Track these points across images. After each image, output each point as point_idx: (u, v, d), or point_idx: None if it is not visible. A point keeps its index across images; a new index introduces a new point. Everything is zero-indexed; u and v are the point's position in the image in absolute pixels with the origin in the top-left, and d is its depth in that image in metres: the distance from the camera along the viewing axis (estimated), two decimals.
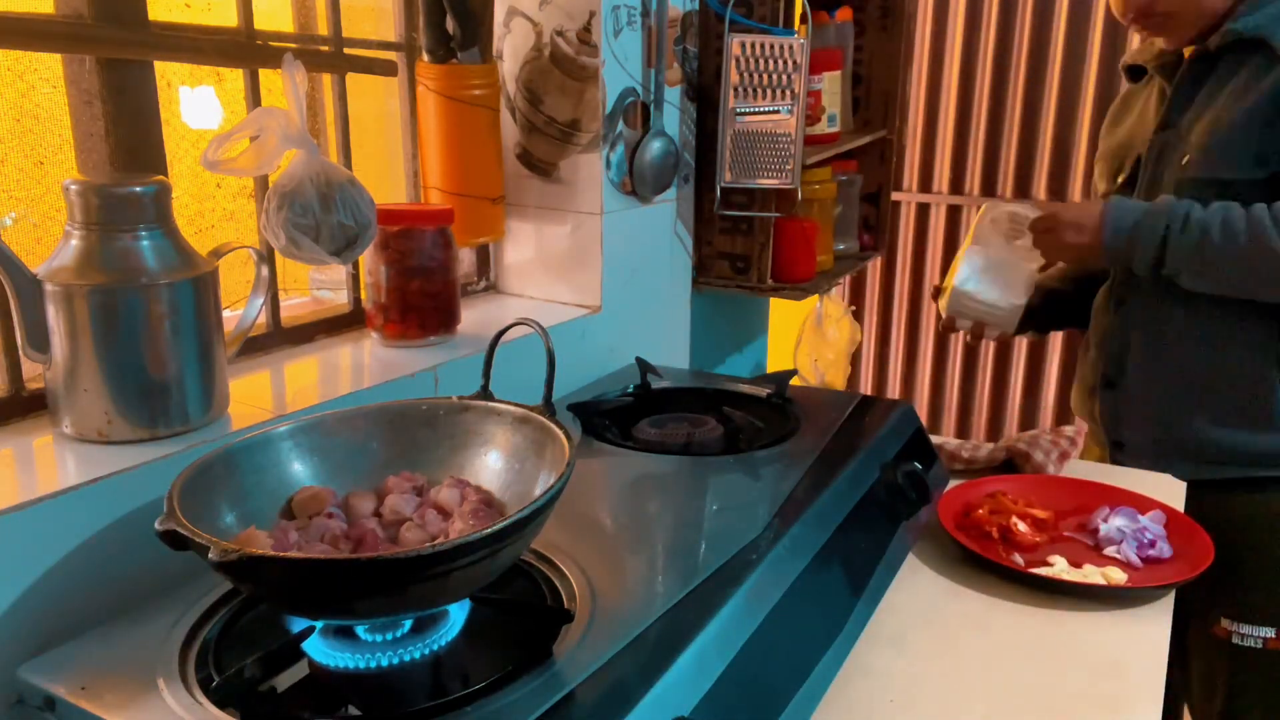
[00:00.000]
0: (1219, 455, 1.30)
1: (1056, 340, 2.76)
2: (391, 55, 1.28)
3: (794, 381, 1.24)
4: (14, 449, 0.83)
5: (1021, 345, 2.81)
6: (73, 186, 0.81)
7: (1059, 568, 1.06)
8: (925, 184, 2.84)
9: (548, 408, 0.78)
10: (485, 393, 0.83)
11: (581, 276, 1.39)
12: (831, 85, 1.65)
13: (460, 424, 0.81)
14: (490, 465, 0.79)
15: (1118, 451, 1.40)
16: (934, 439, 1.30)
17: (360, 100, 1.23)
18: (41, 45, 0.90)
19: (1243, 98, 1.20)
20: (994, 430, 2.91)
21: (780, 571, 0.82)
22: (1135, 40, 2.71)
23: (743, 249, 1.56)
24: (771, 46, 1.43)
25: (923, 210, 2.85)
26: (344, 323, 1.22)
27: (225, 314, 0.92)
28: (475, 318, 1.28)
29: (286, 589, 0.62)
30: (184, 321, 0.84)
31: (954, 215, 2.81)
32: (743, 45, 1.43)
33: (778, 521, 0.87)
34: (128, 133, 0.94)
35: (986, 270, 1.36)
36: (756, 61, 1.44)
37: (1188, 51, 1.29)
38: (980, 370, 2.90)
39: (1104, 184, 1.44)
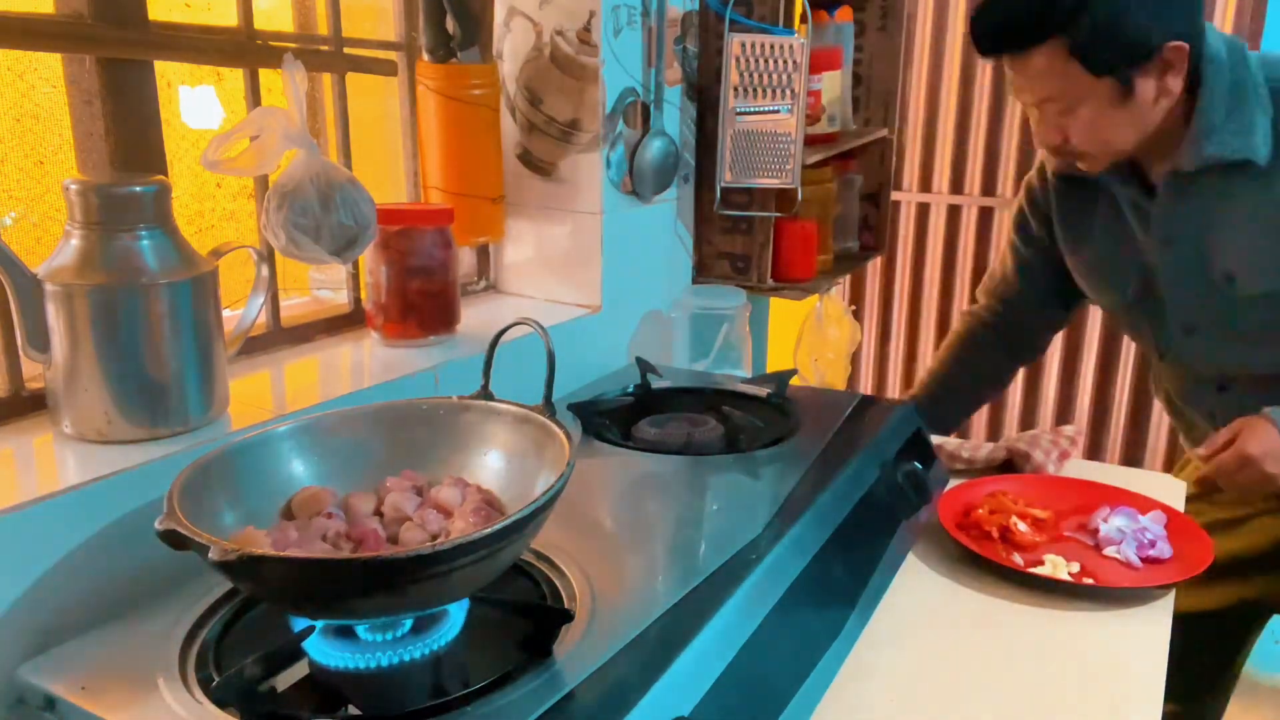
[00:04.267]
0: None
1: (1057, 340, 2.76)
2: (391, 55, 1.28)
3: (794, 381, 1.24)
4: (14, 449, 0.83)
5: None
6: (73, 186, 0.81)
7: (1058, 568, 1.06)
8: (925, 184, 2.83)
9: (548, 408, 0.78)
10: (485, 393, 0.83)
11: (581, 276, 1.39)
12: (831, 85, 1.65)
13: (460, 424, 0.81)
14: (490, 465, 0.79)
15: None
16: (934, 439, 1.30)
17: (360, 100, 1.23)
18: (41, 45, 0.90)
19: (1260, 211, 1.15)
20: (994, 430, 2.91)
21: (780, 571, 0.82)
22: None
23: (743, 249, 1.56)
24: (771, 46, 1.43)
25: (923, 210, 2.85)
26: (344, 323, 1.22)
27: (225, 314, 0.92)
28: (475, 318, 1.28)
29: (286, 588, 0.62)
30: (184, 321, 0.84)
31: (954, 215, 2.81)
32: (743, 45, 1.43)
33: (778, 521, 0.87)
34: (128, 133, 0.94)
35: None
36: (756, 61, 1.44)
37: (1155, 163, 1.21)
38: None
39: (1107, 297, 1.36)
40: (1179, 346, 1.30)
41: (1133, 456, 2.72)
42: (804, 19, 1.48)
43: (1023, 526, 1.12)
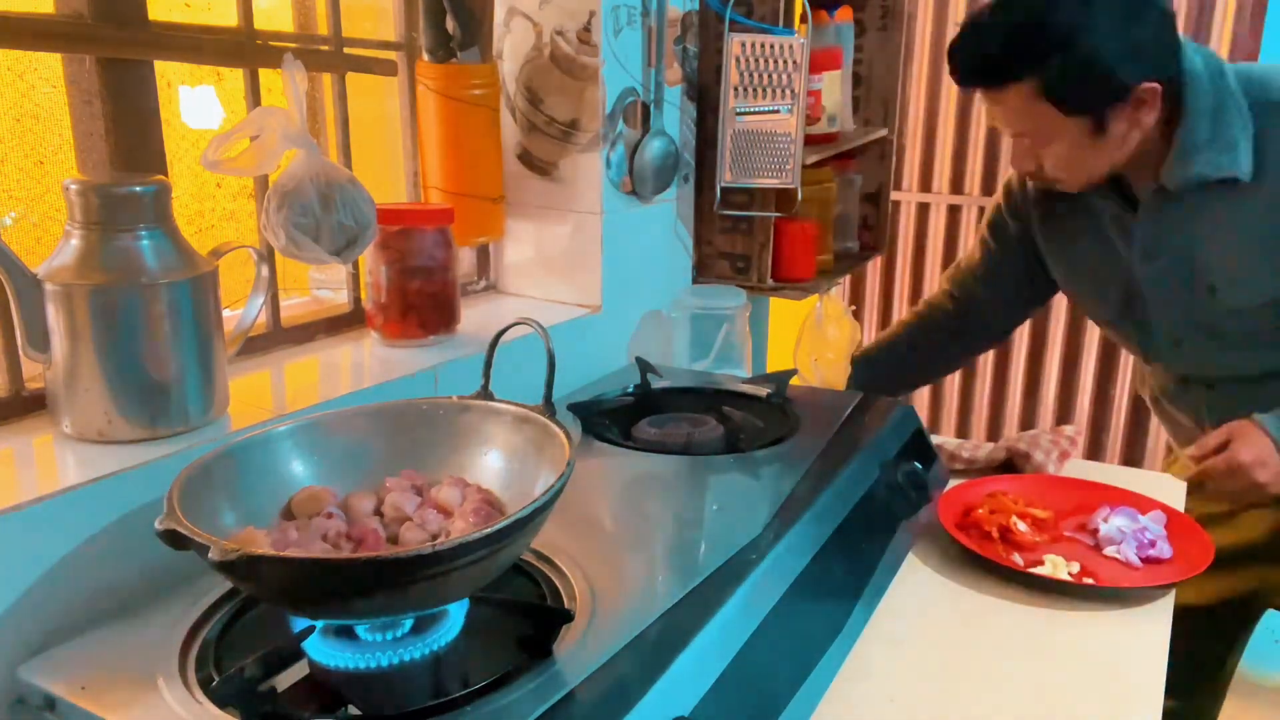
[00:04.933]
0: None
1: (1056, 340, 2.76)
2: (391, 55, 1.28)
3: (794, 381, 1.24)
4: (14, 449, 0.83)
5: (1021, 345, 2.81)
6: (73, 186, 0.81)
7: (1058, 568, 1.06)
8: (925, 184, 2.84)
9: (548, 408, 0.78)
10: (485, 393, 0.83)
11: (581, 276, 1.39)
12: (831, 85, 1.65)
13: (460, 424, 0.81)
14: (490, 465, 0.79)
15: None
16: (934, 439, 1.30)
17: (360, 100, 1.23)
18: (41, 45, 0.90)
19: (1244, 225, 1.16)
20: (994, 430, 2.91)
21: (780, 571, 0.82)
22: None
23: (743, 249, 1.56)
24: (771, 46, 1.43)
25: (923, 210, 2.85)
26: (344, 323, 1.22)
27: (225, 314, 0.92)
28: (475, 318, 1.28)
29: (286, 588, 0.62)
30: (184, 321, 0.84)
31: (954, 215, 2.81)
32: (743, 45, 1.43)
33: (778, 521, 0.87)
34: (128, 133, 0.94)
35: None
36: (756, 61, 1.44)
37: (1137, 177, 1.21)
38: (980, 370, 2.90)
39: (1091, 307, 1.38)
40: (1165, 354, 1.31)
41: (1133, 456, 2.72)
42: (804, 19, 1.48)
43: (1023, 526, 1.12)
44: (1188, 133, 1.13)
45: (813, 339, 1.92)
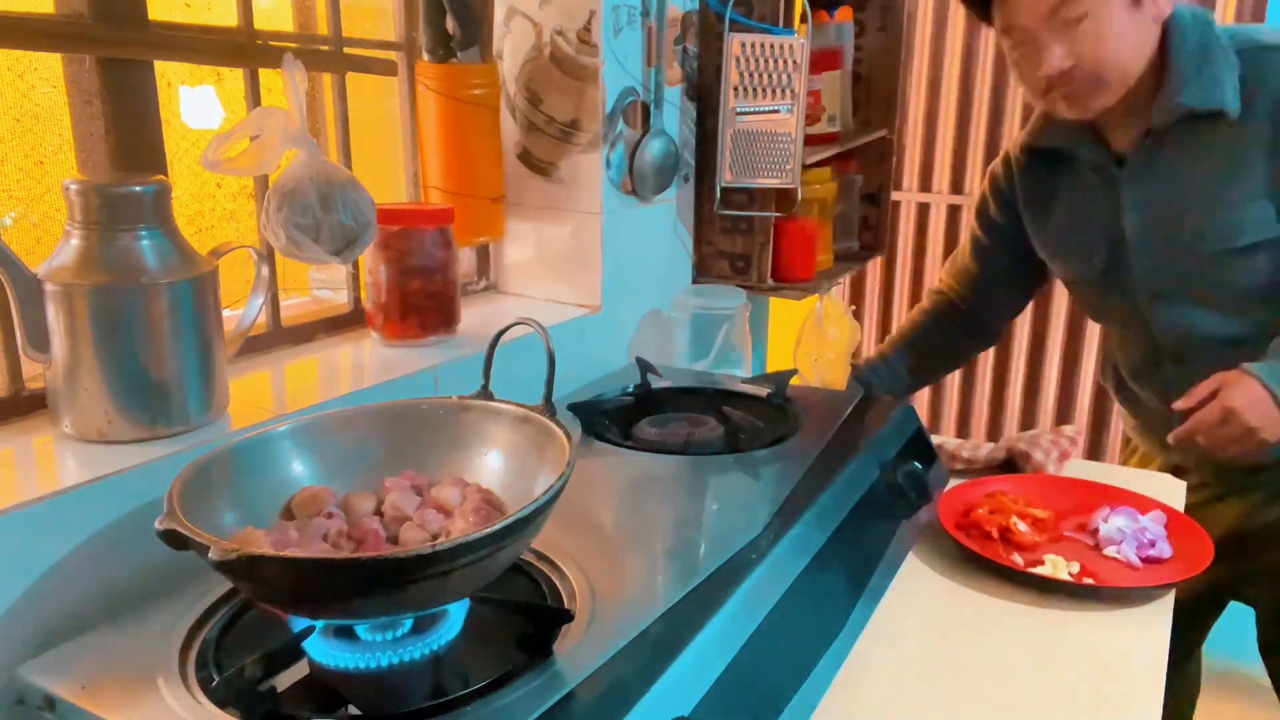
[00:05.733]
0: None
1: (1056, 341, 2.76)
2: (391, 55, 1.28)
3: (794, 381, 1.24)
4: (14, 449, 0.83)
5: (1021, 345, 2.81)
6: (73, 186, 0.81)
7: (1058, 568, 1.06)
8: (925, 184, 2.83)
9: (548, 407, 0.78)
10: (485, 393, 0.83)
11: (581, 276, 1.39)
12: (831, 85, 1.65)
13: (460, 424, 0.81)
14: (490, 465, 0.79)
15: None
16: (934, 439, 1.30)
17: (360, 100, 1.23)
18: (41, 45, 0.90)
19: (1229, 165, 1.17)
20: (994, 430, 2.91)
21: (780, 571, 0.82)
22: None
23: (743, 249, 1.56)
24: (771, 46, 1.43)
25: (923, 210, 2.85)
26: (344, 322, 1.22)
27: (225, 314, 0.92)
28: (475, 318, 1.28)
29: (286, 588, 0.62)
30: (184, 321, 0.84)
31: (954, 215, 2.80)
32: (743, 45, 1.43)
33: (778, 521, 0.87)
34: (128, 133, 0.94)
35: None
36: (756, 61, 1.44)
37: (1118, 131, 1.25)
38: (980, 370, 2.90)
39: (1074, 268, 1.38)
40: (1145, 313, 1.31)
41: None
42: (804, 19, 1.48)
43: (1023, 526, 1.12)
44: (1175, 69, 1.17)
45: (813, 339, 1.92)
